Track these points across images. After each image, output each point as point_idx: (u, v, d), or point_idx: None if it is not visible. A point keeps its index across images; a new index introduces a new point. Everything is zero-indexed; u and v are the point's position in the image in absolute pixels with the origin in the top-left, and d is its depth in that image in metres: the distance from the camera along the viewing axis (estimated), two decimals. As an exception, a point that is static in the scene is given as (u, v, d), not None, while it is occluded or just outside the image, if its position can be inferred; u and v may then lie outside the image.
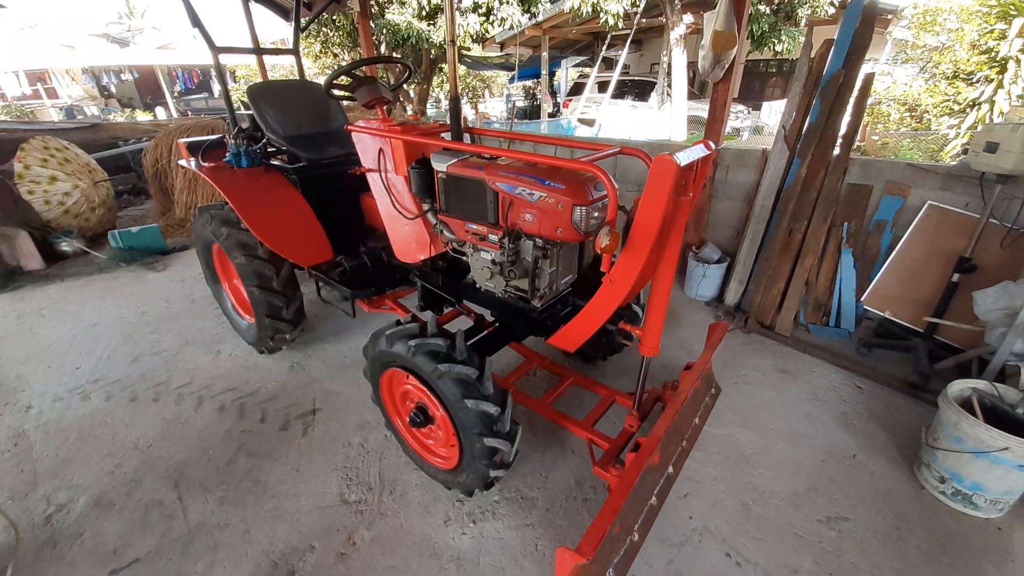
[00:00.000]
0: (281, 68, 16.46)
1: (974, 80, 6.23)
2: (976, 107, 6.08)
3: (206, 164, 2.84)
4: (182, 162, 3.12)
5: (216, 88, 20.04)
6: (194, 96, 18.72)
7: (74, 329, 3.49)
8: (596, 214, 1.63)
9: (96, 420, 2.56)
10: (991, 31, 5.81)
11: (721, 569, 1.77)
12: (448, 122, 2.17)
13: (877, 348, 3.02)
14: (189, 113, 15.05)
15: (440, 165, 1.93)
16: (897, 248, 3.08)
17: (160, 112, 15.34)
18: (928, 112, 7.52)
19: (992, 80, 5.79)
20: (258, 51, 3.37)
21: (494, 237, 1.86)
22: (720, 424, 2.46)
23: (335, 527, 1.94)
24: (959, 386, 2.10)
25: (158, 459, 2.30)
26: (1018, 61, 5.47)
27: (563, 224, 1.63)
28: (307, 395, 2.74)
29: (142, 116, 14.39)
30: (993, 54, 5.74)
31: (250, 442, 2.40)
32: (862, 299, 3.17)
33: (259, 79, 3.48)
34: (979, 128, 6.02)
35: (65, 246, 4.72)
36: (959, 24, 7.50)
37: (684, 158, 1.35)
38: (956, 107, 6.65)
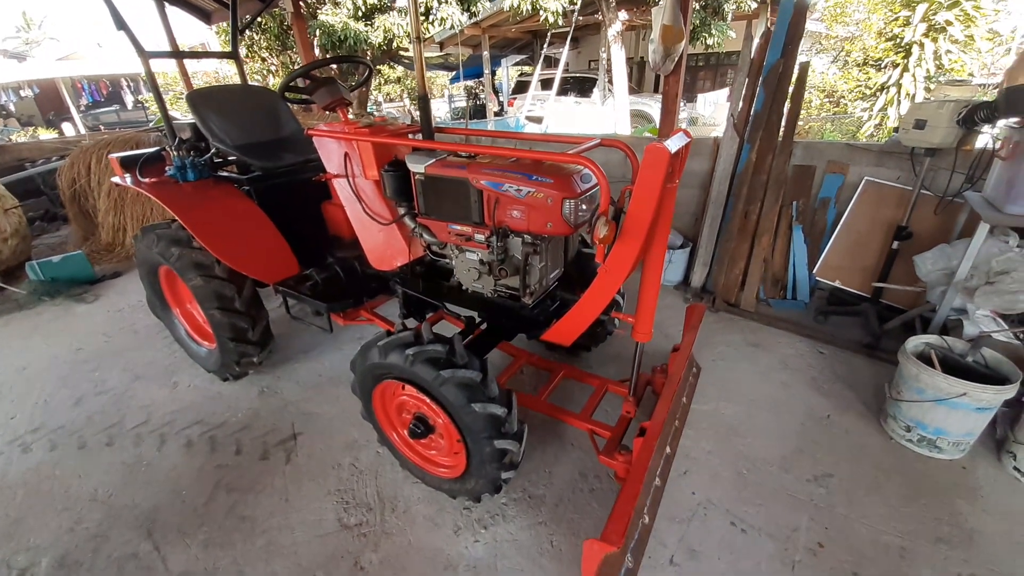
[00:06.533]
0: (204, 75, 15.43)
1: (882, 66, 6.86)
2: (884, 90, 6.70)
3: (146, 180, 2.60)
4: (116, 179, 2.82)
5: (129, 100, 18.44)
6: (103, 109, 17.04)
7: (0, 376, 3.09)
8: (584, 207, 1.64)
9: (43, 473, 2.28)
10: (896, 19, 6.41)
11: (730, 538, 1.84)
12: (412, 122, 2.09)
13: (832, 315, 3.25)
14: (101, 128, 13.70)
15: (417, 166, 1.86)
16: (841, 222, 3.33)
17: (67, 128, 13.92)
18: (844, 97, 8.21)
19: (898, 65, 6.40)
20: (190, 55, 3.13)
21: (480, 237, 1.82)
22: (705, 400, 2.55)
23: (338, 554, 1.84)
24: (914, 342, 2.30)
25: (123, 508, 2.08)
26: (922, 45, 6.06)
27: (553, 218, 1.62)
28: (284, 420, 2.57)
29: (45, 134, 13.01)
30: (898, 40, 6.34)
31: (228, 477, 2.22)
32: (814, 271, 3.41)
33: (178, 87, 3.23)
34: (888, 110, 6.65)
35: (-27, 283, 4.18)
36: (867, 14, 8.23)
37: (672, 146, 1.38)
38: (868, 91, 7.30)
